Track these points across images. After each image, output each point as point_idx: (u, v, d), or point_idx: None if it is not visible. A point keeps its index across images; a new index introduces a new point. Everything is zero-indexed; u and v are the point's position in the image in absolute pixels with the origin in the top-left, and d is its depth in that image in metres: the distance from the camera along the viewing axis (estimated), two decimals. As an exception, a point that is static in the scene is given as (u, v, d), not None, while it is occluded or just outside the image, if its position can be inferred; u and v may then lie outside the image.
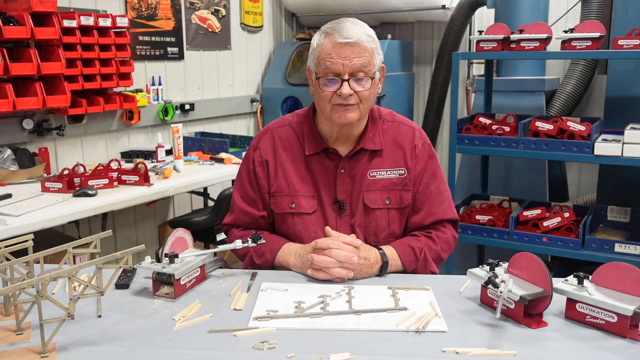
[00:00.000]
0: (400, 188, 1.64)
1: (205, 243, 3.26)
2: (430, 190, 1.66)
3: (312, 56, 1.58)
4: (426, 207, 1.66)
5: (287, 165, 1.65)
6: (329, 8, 4.40)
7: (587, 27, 2.72)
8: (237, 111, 4.36)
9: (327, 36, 1.53)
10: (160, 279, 1.40)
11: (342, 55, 1.50)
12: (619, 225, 2.93)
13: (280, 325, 1.23)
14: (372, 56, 1.54)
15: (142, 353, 1.12)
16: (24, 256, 1.26)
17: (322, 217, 1.64)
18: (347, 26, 1.53)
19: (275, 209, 1.66)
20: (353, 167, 1.63)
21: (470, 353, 1.12)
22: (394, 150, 1.65)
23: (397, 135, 1.67)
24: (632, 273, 1.21)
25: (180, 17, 3.82)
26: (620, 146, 2.54)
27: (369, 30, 1.56)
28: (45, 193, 2.57)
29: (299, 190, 1.64)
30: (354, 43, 1.50)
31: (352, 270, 1.46)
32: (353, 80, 1.52)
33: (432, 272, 1.61)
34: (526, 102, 3.57)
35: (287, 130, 1.69)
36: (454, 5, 4.03)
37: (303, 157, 1.65)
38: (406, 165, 1.65)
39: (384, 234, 1.64)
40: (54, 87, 2.85)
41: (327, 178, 1.63)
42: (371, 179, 1.63)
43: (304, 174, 1.64)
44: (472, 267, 1.38)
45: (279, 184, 1.65)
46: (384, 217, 1.64)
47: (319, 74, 1.54)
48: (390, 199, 1.63)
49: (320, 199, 1.63)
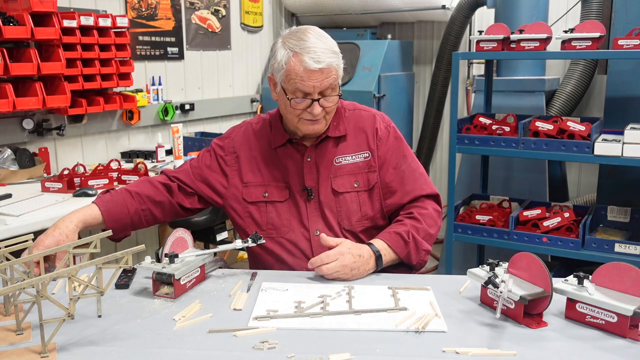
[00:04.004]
0: (366, 171, 1.70)
1: (205, 243, 3.26)
2: (402, 170, 1.71)
3: (277, 71, 1.60)
4: (401, 187, 1.71)
5: (259, 157, 1.72)
6: (329, 8, 4.40)
7: (587, 27, 2.71)
8: (237, 111, 4.36)
9: (296, 56, 1.55)
10: (160, 279, 1.40)
11: (312, 78, 1.54)
12: (619, 225, 2.93)
13: (280, 325, 1.23)
14: (337, 72, 1.60)
15: (142, 353, 1.12)
16: (24, 256, 1.26)
17: (294, 204, 1.68)
18: (315, 45, 1.55)
19: (248, 198, 1.71)
20: (319, 155, 1.70)
21: (470, 353, 1.12)
22: (356, 136, 1.72)
23: (359, 121, 1.74)
24: (632, 273, 1.21)
25: (180, 17, 3.82)
26: (620, 146, 2.54)
27: (333, 45, 1.59)
28: (45, 193, 2.57)
29: (271, 180, 1.70)
30: (325, 68, 1.54)
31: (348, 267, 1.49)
32: (322, 98, 1.58)
33: (425, 251, 1.64)
34: (526, 102, 3.57)
35: (261, 125, 1.77)
36: (454, 5, 4.02)
37: (273, 149, 1.72)
38: (369, 148, 1.71)
39: (357, 216, 1.68)
40: (54, 87, 2.85)
41: (295, 167, 1.70)
42: (337, 165, 1.69)
43: (274, 165, 1.71)
44: (472, 267, 1.39)
45: (252, 174, 1.71)
46: (354, 200, 1.68)
47: (288, 92, 1.59)
48: (359, 182, 1.69)
49: (290, 188, 1.69)
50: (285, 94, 1.59)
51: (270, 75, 1.65)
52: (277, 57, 1.58)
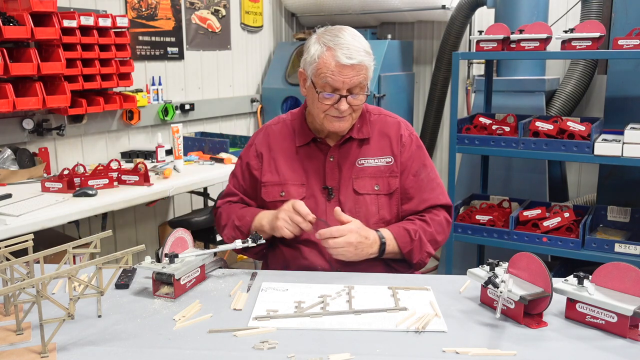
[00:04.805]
0: (387, 175, 1.72)
1: (205, 243, 3.26)
2: (422, 179, 1.75)
3: (309, 64, 1.62)
4: (418, 194, 1.74)
5: (278, 157, 1.75)
6: (329, 8, 4.40)
7: (587, 27, 2.71)
8: (237, 111, 4.36)
9: (329, 50, 1.58)
10: (160, 279, 1.40)
11: (343, 74, 1.57)
12: (619, 225, 2.93)
13: (280, 325, 1.23)
14: (368, 72, 1.61)
15: (142, 353, 1.12)
16: (24, 256, 1.26)
17: (313, 203, 1.70)
18: (349, 42, 1.58)
19: (265, 197, 1.74)
20: (342, 156, 1.72)
21: (470, 353, 1.12)
22: (380, 140, 1.74)
23: (384, 127, 1.77)
24: (632, 273, 1.21)
25: (180, 17, 3.82)
26: (620, 146, 2.54)
27: (366, 45, 1.62)
28: (45, 193, 2.57)
29: (289, 179, 1.72)
30: (357, 64, 1.56)
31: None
32: (350, 95, 1.59)
33: (428, 253, 1.68)
34: (526, 102, 3.57)
35: (280, 127, 1.80)
36: (454, 5, 4.02)
37: (294, 149, 1.75)
38: (392, 154, 1.73)
39: (374, 219, 1.70)
40: (54, 87, 2.85)
41: (317, 166, 1.72)
42: (360, 167, 1.71)
43: (294, 164, 1.74)
44: (472, 267, 1.39)
45: (270, 174, 1.75)
46: (374, 202, 1.70)
47: (317, 86, 1.61)
48: (379, 185, 1.71)
49: (310, 187, 1.71)
50: (314, 87, 1.61)
51: (302, 70, 1.67)
52: (311, 51, 1.61)
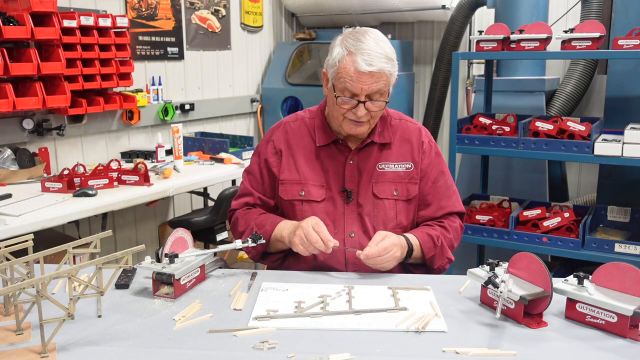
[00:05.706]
0: (407, 181, 1.71)
1: (205, 243, 3.26)
2: (439, 186, 1.75)
3: (331, 67, 1.61)
4: (436, 201, 1.74)
5: (298, 155, 1.72)
6: (329, 8, 4.40)
7: (587, 27, 2.71)
8: (237, 111, 4.36)
9: (350, 55, 1.55)
10: (160, 279, 1.40)
11: (362, 80, 1.55)
12: (619, 225, 2.93)
13: (280, 325, 1.23)
14: (389, 79, 1.59)
15: (142, 353, 1.12)
16: (24, 256, 1.26)
17: (331, 205, 1.69)
18: (370, 47, 1.55)
19: (284, 195, 1.71)
20: (362, 159, 1.70)
21: (470, 353, 1.12)
22: (401, 145, 1.73)
23: (405, 132, 1.76)
24: (632, 273, 1.21)
25: (180, 17, 3.82)
26: (620, 146, 2.54)
27: (389, 51, 1.58)
28: (45, 193, 2.57)
29: (309, 179, 1.70)
30: (376, 72, 1.54)
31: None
32: (369, 101, 1.58)
33: (448, 259, 1.69)
34: (526, 102, 3.57)
35: (299, 124, 1.77)
36: (454, 5, 4.02)
37: (314, 149, 1.72)
38: (413, 160, 1.72)
39: (392, 224, 1.69)
40: (54, 87, 2.85)
41: (336, 168, 1.70)
42: (380, 171, 1.70)
43: (314, 164, 1.71)
44: (472, 267, 1.39)
45: (289, 172, 1.71)
46: (392, 207, 1.69)
47: (337, 89, 1.59)
48: (398, 191, 1.70)
49: (329, 189, 1.69)
50: (334, 90, 1.60)
51: (324, 71, 1.66)
52: (333, 53, 1.60)
